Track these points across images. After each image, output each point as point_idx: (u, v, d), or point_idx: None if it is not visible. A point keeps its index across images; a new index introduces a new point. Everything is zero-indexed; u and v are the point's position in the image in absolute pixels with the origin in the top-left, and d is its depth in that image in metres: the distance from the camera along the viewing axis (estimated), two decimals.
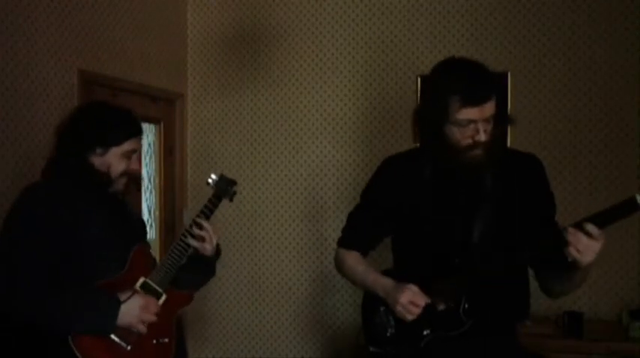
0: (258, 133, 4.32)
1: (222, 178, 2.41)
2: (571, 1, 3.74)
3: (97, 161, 2.17)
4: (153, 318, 2.12)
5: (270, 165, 4.28)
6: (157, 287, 2.19)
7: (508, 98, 3.78)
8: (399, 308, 1.99)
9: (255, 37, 4.31)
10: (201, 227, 2.27)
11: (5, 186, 3.03)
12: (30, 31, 3.17)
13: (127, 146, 2.20)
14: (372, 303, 2.16)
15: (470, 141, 1.91)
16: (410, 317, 1.98)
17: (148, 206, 4.21)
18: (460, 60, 2.01)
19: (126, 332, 2.09)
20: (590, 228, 1.78)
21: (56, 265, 2.06)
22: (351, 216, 2.30)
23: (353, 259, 2.24)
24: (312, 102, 4.21)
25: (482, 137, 1.89)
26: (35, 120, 3.20)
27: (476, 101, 1.87)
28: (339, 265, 2.29)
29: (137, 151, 2.26)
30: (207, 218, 2.31)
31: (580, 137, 3.72)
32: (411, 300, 1.98)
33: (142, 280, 2.17)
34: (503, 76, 3.76)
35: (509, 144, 3.74)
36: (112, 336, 2.08)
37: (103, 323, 2.06)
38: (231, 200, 2.45)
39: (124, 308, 2.06)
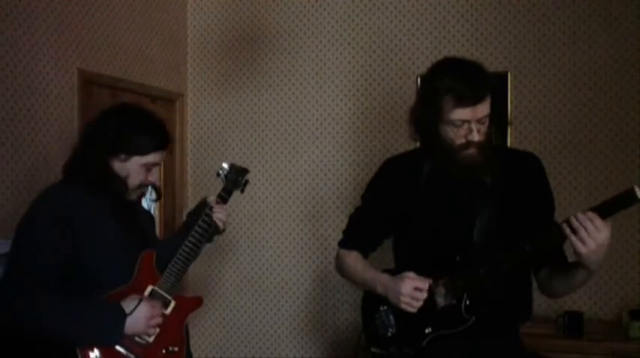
0: (258, 133, 4.31)
1: (232, 168, 2.40)
2: (571, 1, 3.74)
3: (117, 165, 2.13)
4: (159, 322, 2.10)
5: (270, 165, 4.28)
6: (166, 295, 2.18)
7: (508, 98, 3.78)
8: (403, 298, 1.97)
9: (255, 37, 4.31)
10: (210, 219, 2.32)
11: (5, 186, 3.04)
12: (30, 31, 3.17)
13: (150, 158, 2.15)
14: (372, 304, 2.16)
15: (463, 140, 1.92)
16: (417, 304, 1.97)
17: (147, 206, 4.20)
18: (455, 60, 2.02)
19: (132, 343, 2.08)
20: (592, 216, 1.74)
21: (64, 272, 2.04)
22: (351, 218, 2.30)
23: (353, 259, 2.24)
24: (312, 102, 4.21)
25: (475, 137, 1.90)
26: (35, 119, 3.20)
27: (469, 102, 1.88)
28: (340, 266, 2.30)
29: (158, 165, 2.20)
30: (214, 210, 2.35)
31: (580, 137, 3.72)
32: (414, 287, 1.97)
33: (149, 288, 2.15)
34: (503, 76, 3.77)
35: (509, 144, 3.76)
36: (118, 348, 2.06)
37: (109, 336, 2.04)
38: (242, 191, 2.45)
39: (129, 320, 2.04)
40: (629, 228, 3.62)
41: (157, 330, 2.11)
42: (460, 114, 1.89)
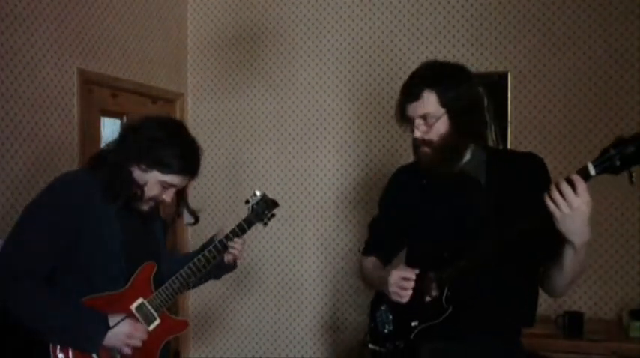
0: (258, 133, 4.32)
1: (262, 199, 2.39)
2: (571, 1, 3.74)
3: (136, 173, 2.12)
4: (138, 344, 2.11)
5: (270, 165, 4.28)
6: (153, 311, 2.18)
7: (508, 98, 3.78)
8: (391, 288, 2.02)
9: (255, 37, 4.31)
10: (223, 247, 2.32)
11: (5, 185, 3.04)
12: (30, 31, 3.17)
13: (169, 178, 2.13)
14: (376, 303, 2.23)
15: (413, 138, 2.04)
16: (406, 293, 2.00)
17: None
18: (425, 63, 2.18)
19: (106, 353, 2.08)
20: (575, 177, 1.76)
21: (59, 266, 2.05)
22: (370, 226, 2.41)
23: (369, 264, 2.32)
24: (312, 103, 4.21)
25: (416, 133, 2.01)
26: (35, 119, 3.20)
27: (402, 101, 2.04)
28: (360, 272, 2.39)
29: (177, 187, 2.19)
30: (231, 240, 2.34)
31: (580, 137, 3.72)
32: (400, 276, 2.01)
33: (139, 301, 2.16)
34: (503, 76, 3.77)
35: (509, 144, 3.76)
36: (94, 356, 2.07)
37: (88, 343, 2.05)
38: (265, 224, 2.43)
39: (110, 333, 2.05)
40: (629, 228, 3.63)
41: (136, 346, 2.11)
42: (404, 112, 2.04)
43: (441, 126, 1.99)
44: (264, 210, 2.40)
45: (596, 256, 3.61)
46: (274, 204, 2.43)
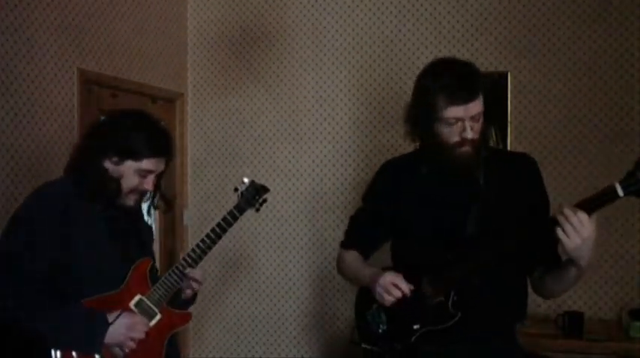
0: (258, 133, 4.31)
1: (251, 186, 2.36)
2: (571, 1, 3.74)
3: (110, 168, 2.12)
4: (141, 336, 2.08)
5: (271, 165, 4.28)
6: (153, 306, 2.16)
7: (508, 98, 3.78)
8: (377, 288, 2.01)
9: (256, 37, 4.31)
10: (222, 229, 2.28)
11: (5, 185, 3.04)
12: (30, 31, 3.17)
13: (144, 164, 2.12)
14: (365, 301, 2.19)
15: (458, 138, 1.96)
16: (389, 298, 1.99)
17: (147, 207, 4.19)
18: (448, 60, 2.07)
19: (109, 353, 2.06)
20: (578, 211, 1.76)
21: (52, 272, 2.04)
22: (351, 219, 2.36)
23: (350, 257, 2.29)
24: (312, 102, 4.21)
25: (469, 134, 1.94)
26: (35, 119, 3.20)
27: (461, 100, 1.92)
28: (339, 265, 2.35)
29: (154, 173, 2.16)
30: (224, 231, 2.29)
31: (580, 137, 3.72)
32: (392, 282, 2.00)
33: (137, 298, 2.14)
34: (503, 76, 3.77)
35: (509, 144, 3.76)
36: (97, 357, 2.06)
37: (90, 344, 2.03)
38: (257, 210, 2.40)
39: (111, 328, 2.03)
40: (629, 227, 3.63)
41: (139, 338, 2.09)
42: (453, 112, 1.93)
43: (480, 125, 1.99)
44: (254, 195, 2.37)
45: (596, 256, 3.61)
46: (264, 189, 2.40)
